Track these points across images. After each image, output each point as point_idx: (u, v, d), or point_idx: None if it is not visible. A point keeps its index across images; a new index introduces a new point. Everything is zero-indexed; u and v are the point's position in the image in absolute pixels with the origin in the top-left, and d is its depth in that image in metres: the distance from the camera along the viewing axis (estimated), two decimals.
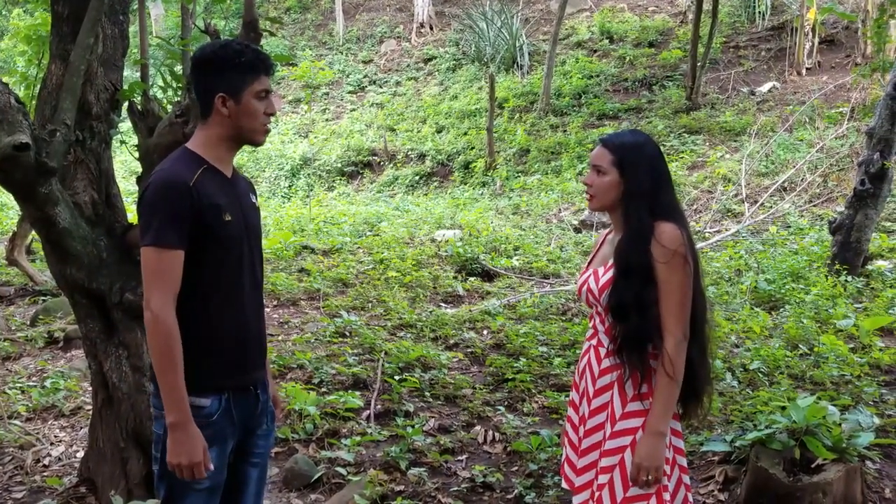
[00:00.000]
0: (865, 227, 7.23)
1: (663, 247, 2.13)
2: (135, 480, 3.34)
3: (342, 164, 15.02)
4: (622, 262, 2.19)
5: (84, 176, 3.17)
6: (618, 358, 2.21)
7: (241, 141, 2.16)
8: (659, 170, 2.24)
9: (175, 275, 2.00)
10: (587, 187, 2.29)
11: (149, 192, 2.02)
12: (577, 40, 16.90)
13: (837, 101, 12.69)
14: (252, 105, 2.08)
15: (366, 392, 4.67)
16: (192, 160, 2.08)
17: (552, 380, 4.96)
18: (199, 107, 2.12)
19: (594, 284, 2.27)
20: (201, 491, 2.08)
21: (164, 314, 1.98)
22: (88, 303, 3.21)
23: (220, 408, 2.09)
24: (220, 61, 2.08)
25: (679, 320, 2.13)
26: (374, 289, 7.20)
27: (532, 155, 13.48)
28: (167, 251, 1.98)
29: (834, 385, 4.69)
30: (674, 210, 2.23)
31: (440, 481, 3.67)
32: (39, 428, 4.25)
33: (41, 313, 6.21)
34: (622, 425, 2.19)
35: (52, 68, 3.08)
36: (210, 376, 2.08)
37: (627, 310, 2.17)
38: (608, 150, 2.24)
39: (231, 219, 2.08)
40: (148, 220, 2.00)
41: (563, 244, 9.42)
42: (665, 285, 2.13)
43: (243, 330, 2.16)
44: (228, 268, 2.11)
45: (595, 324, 2.32)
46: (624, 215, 2.23)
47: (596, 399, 2.27)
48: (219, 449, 2.11)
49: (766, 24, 15.62)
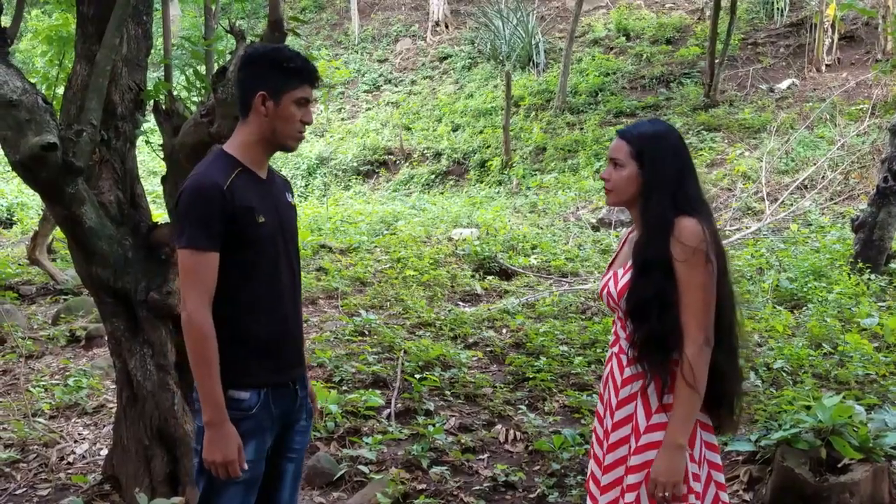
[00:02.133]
0: (888, 224, 7.15)
1: (682, 244, 1.97)
2: (159, 478, 3.36)
3: (358, 163, 15.04)
4: (639, 260, 2.06)
5: (109, 175, 3.19)
6: (639, 366, 2.06)
7: (275, 144, 2.17)
8: (681, 160, 2.10)
9: (209, 276, 2.04)
10: (605, 182, 2.15)
11: (183, 195, 2.07)
12: (593, 38, 16.82)
13: (858, 97, 12.55)
14: (290, 110, 2.11)
15: (386, 390, 4.67)
16: (227, 163, 2.12)
17: (573, 379, 4.94)
18: (239, 104, 2.15)
19: (613, 287, 2.13)
20: (239, 484, 2.12)
21: (198, 315, 2.02)
22: (114, 301, 3.23)
23: (258, 402, 2.12)
24: (268, 61, 2.11)
25: (701, 324, 1.97)
26: (391, 287, 7.20)
27: (548, 153, 13.44)
28: (200, 253, 2.02)
29: (859, 384, 4.64)
30: (698, 203, 2.07)
31: (462, 480, 3.66)
32: (63, 426, 4.29)
33: (63, 312, 6.26)
34: (647, 439, 2.04)
35: (78, 69, 3.10)
36: (249, 372, 2.12)
37: (646, 311, 2.02)
38: (626, 142, 2.10)
39: (265, 220, 2.11)
40: (182, 224, 2.05)
41: (581, 242, 9.38)
42: (685, 286, 1.97)
43: (281, 327, 2.19)
44: (265, 267, 2.14)
45: (616, 329, 2.18)
46: (642, 210, 2.09)
47: (619, 411, 2.12)
48: (257, 443, 2.14)
49: (784, 21, 15.48)
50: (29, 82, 2.78)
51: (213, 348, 2.03)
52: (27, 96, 2.72)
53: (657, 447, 2.02)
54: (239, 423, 2.08)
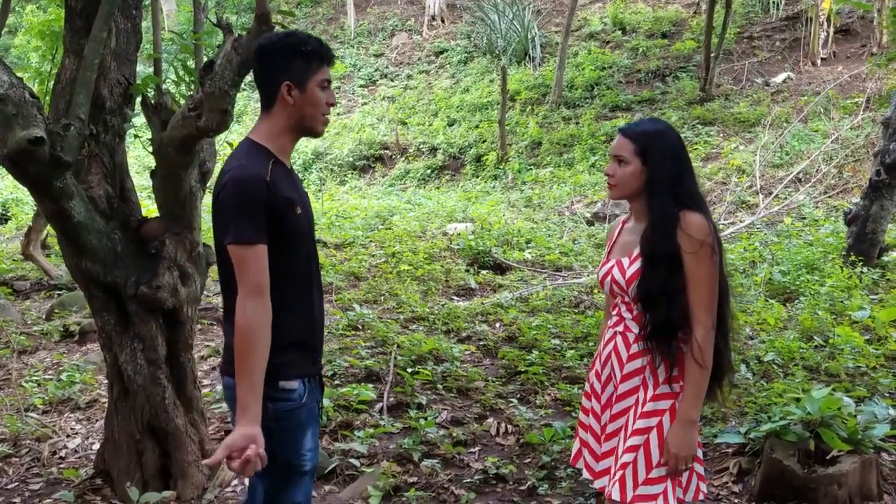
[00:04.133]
0: (881, 217, 7.16)
1: (691, 237, 2.12)
2: (150, 472, 3.38)
3: (354, 157, 15.03)
4: (648, 252, 2.20)
5: (98, 170, 3.19)
6: (647, 345, 2.21)
7: (303, 131, 2.14)
8: (681, 157, 2.24)
9: (264, 269, 1.98)
10: (608, 177, 2.28)
11: (227, 189, 2.00)
12: (589, 32, 16.82)
13: (853, 91, 12.56)
14: (316, 94, 2.08)
15: (378, 384, 4.68)
16: (261, 153, 2.07)
17: (565, 372, 4.95)
18: (262, 97, 2.11)
19: (619, 276, 2.26)
20: (306, 473, 2.17)
21: (254, 313, 1.96)
22: (104, 296, 3.23)
23: (305, 391, 2.13)
24: (287, 49, 2.07)
25: (709, 309, 2.14)
26: (386, 282, 7.21)
27: (544, 147, 13.44)
28: (250, 247, 1.97)
29: (849, 377, 4.66)
30: (697, 198, 2.22)
31: (453, 473, 3.67)
32: (56, 420, 4.29)
33: (56, 307, 6.26)
34: (652, 406, 2.19)
35: (66, 63, 3.10)
36: (294, 364, 2.11)
37: (656, 299, 2.18)
38: (629, 140, 2.23)
39: (301, 212, 2.10)
40: (229, 218, 1.99)
41: (576, 237, 9.40)
42: (693, 276, 2.13)
43: (315, 317, 2.19)
44: (302, 259, 2.13)
45: (620, 311, 2.31)
46: (648, 204, 2.22)
47: (624, 383, 2.27)
48: (312, 430, 2.17)
49: (780, 15, 15.49)
50: (16, 76, 2.78)
51: (266, 346, 1.98)
52: (14, 90, 2.71)
53: (660, 414, 2.18)
54: (294, 413, 2.08)
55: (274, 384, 2.05)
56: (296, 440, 2.13)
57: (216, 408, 4.33)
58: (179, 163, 3.10)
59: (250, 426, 1.95)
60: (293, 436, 2.12)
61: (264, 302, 1.98)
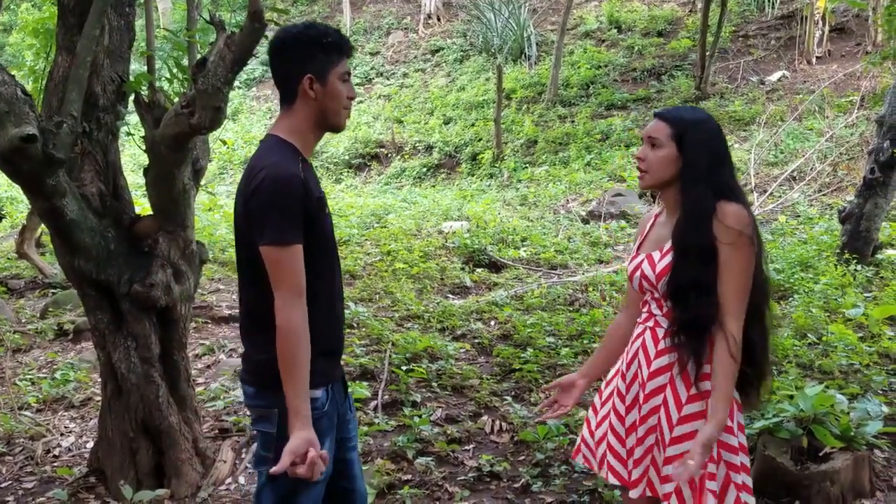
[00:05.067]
0: (875, 216, 7.18)
1: (728, 227, 2.02)
2: (144, 470, 3.38)
3: (350, 156, 15.02)
4: (681, 244, 2.08)
5: (91, 167, 3.19)
6: (675, 340, 2.11)
7: (325, 126, 2.08)
8: (719, 147, 2.12)
9: (300, 270, 1.93)
10: (638, 161, 2.14)
11: (263, 187, 1.92)
12: (585, 30, 16.83)
13: (847, 89, 12.59)
14: (337, 87, 2.02)
15: (373, 382, 4.68)
16: (290, 150, 2.01)
17: (559, 370, 4.95)
18: (281, 92, 2.05)
19: (650, 270, 2.16)
20: (320, 482, 2.07)
21: (294, 314, 1.92)
22: (97, 294, 3.23)
23: (328, 399, 2.08)
24: (307, 42, 2.01)
25: (741, 303, 2.04)
26: (381, 280, 7.21)
27: (540, 146, 13.44)
28: (289, 248, 1.91)
29: (842, 374, 4.67)
30: (735, 190, 2.10)
31: (447, 470, 3.68)
32: (50, 419, 4.29)
33: (51, 305, 6.25)
34: (687, 410, 2.09)
35: (59, 60, 3.09)
36: (321, 372, 2.05)
37: (687, 293, 2.07)
38: (666, 123, 2.11)
39: (329, 211, 2.06)
40: (265, 218, 1.91)
41: (571, 235, 9.40)
42: (727, 267, 2.02)
43: (340, 320, 2.16)
44: (329, 260, 2.08)
45: (651, 308, 2.21)
46: (682, 194, 2.10)
47: (651, 382, 2.16)
48: (330, 438, 2.10)
49: (775, 13, 15.51)
50: (8, 73, 2.77)
51: (307, 348, 1.93)
52: (6, 88, 2.71)
53: (699, 418, 2.07)
54: (316, 422, 2.00)
55: None
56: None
57: (210, 406, 4.33)
58: (172, 160, 3.09)
59: (305, 429, 1.93)
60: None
61: (303, 304, 1.93)
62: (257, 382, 2.07)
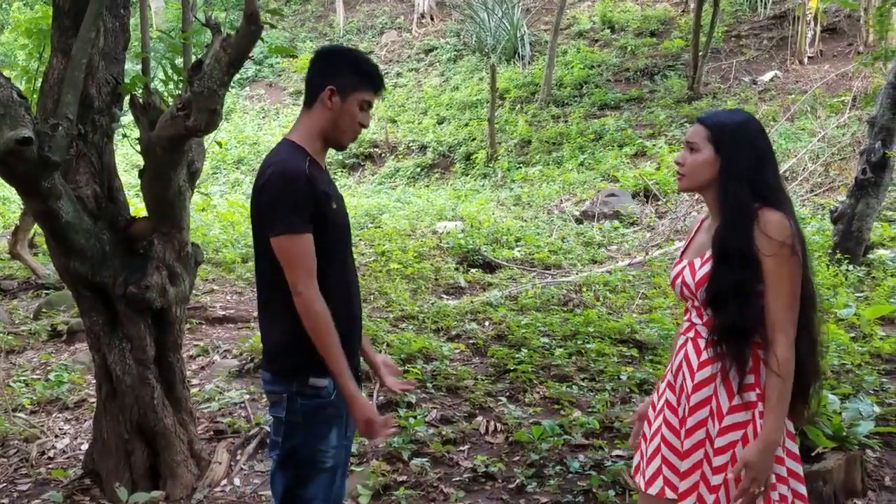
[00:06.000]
0: (867, 216, 7.23)
1: (770, 238, 1.96)
2: (139, 472, 3.38)
3: (343, 156, 14.99)
4: (721, 248, 2.04)
5: (86, 169, 3.19)
6: (717, 350, 2.05)
7: (332, 139, 2.22)
8: (760, 149, 2.07)
9: (311, 257, 2.08)
10: (678, 166, 2.13)
11: (270, 183, 2.09)
12: (578, 30, 16.85)
13: (839, 89, 12.65)
14: (353, 108, 2.18)
15: (368, 383, 4.68)
16: (298, 150, 2.15)
17: (553, 370, 4.97)
18: (306, 93, 2.21)
19: (690, 278, 2.11)
20: (326, 471, 2.19)
21: (311, 296, 2.06)
22: (92, 296, 3.23)
23: (335, 388, 2.15)
24: (345, 59, 2.20)
25: (790, 317, 1.98)
26: (375, 281, 7.21)
27: (533, 146, 13.46)
28: (298, 236, 2.06)
29: (835, 374, 4.70)
30: (778, 193, 2.06)
31: (442, 471, 3.69)
32: (44, 421, 4.28)
33: (44, 307, 6.23)
34: (730, 420, 2.04)
35: (54, 62, 3.09)
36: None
37: (726, 299, 2.01)
38: (704, 126, 2.10)
39: (337, 207, 2.19)
40: (274, 211, 2.07)
41: (565, 235, 9.43)
42: (773, 280, 1.97)
43: (352, 312, 2.26)
44: (340, 253, 2.21)
45: (691, 317, 2.17)
46: (721, 197, 2.06)
47: (695, 394, 2.11)
48: (338, 429, 2.19)
49: (767, 13, 15.57)
50: (3, 76, 2.77)
51: (332, 324, 2.07)
52: (1, 90, 2.70)
53: (742, 427, 2.03)
54: (322, 410, 2.13)
55: (304, 380, 2.13)
56: (320, 437, 2.17)
57: (205, 407, 4.33)
58: (168, 162, 3.09)
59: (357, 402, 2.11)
60: (318, 432, 2.16)
61: (316, 285, 2.07)
62: (271, 368, 2.20)
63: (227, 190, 13.54)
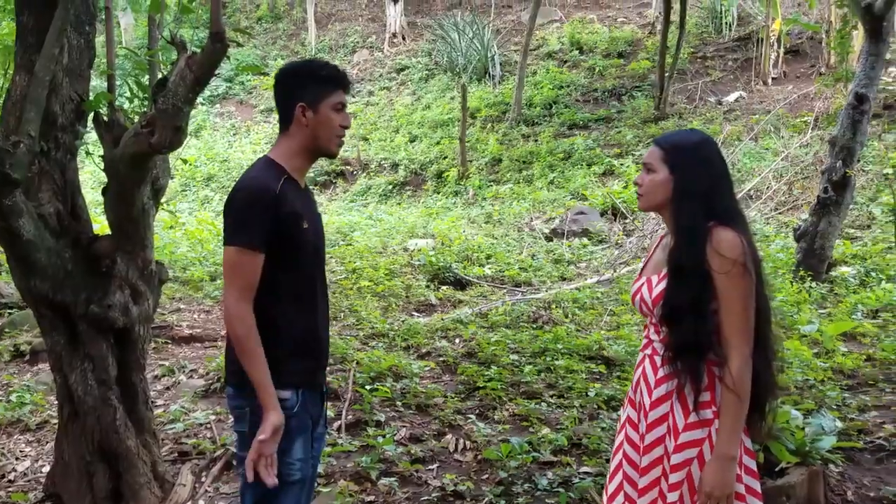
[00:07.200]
0: (829, 234, 7.37)
1: (722, 256, 1.99)
2: (101, 494, 3.31)
3: (315, 173, 14.96)
4: (674, 265, 2.08)
5: (49, 187, 3.14)
6: (672, 367, 2.08)
7: (317, 151, 2.27)
8: (714, 169, 2.12)
9: (252, 274, 2.11)
10: (637, 187, 2.20)
11: (237, 196, 2.14)
12: (547, 51, 17.06)
13: (802, 110, 12.93)
14: (329, 116, 2.21)
15: (337, 402, 4.66)
16: (275, 169, 2.20)
17: (523, 387, 4.98)
18: (280, 117, 2.26)
19: (647, 294, 2.15)
20: (295, 483, 2.20)
21: (237, 309, 2.09)
22: (53, 315, 3.18)
23: (298, 402, 2.19)
24: (302, 73, 2.24)
25: (744, 334, 2.00)
26: (346, 298, 7.19)
27: (504, 164, 13.56)
28: (246, 252, 2.10)
29: (798, 389, 4.77)
30: (733, 213, 2.10)
31: (411, 491, 3.67)
32: (5, 443, 4.19)
33: (7, 326, 6.11)
34: (686, 437, 2.06)
35: (17, 79, 3.05)
36: (290, 373, 2.18)
37: (681, 315, 2.04)
38: (659, 148, 2.15)
39: (308, 226, 2.21)
40: (231, 222, 2.13)
41: (535, 252, 9.48)
42: (725, 298, 2.00)
43: (317, 330, 2.28)
44: (306, 272, 2.24)
45: (649, 333, 2.21)
46: (674, 216, 2.12)
47: (653, 411, 2.13)
48: (303, 440, 2.21)
49: (732, 35, 15.90)
50: None
51: (257, 339, 2.09)
52: None
53: (697, 445, 2.04)
54: (285, 422, 2.13)
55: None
56: (285, 449, 2.16)
57: (169, 428, 4.26)
58: (132, 180, 3.07)
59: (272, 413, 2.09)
60: (283, 445, 2.15)
61: (248, 306, 2.10)
62: (234, 382, 2.22)
63: (197, 207, 13.43)
